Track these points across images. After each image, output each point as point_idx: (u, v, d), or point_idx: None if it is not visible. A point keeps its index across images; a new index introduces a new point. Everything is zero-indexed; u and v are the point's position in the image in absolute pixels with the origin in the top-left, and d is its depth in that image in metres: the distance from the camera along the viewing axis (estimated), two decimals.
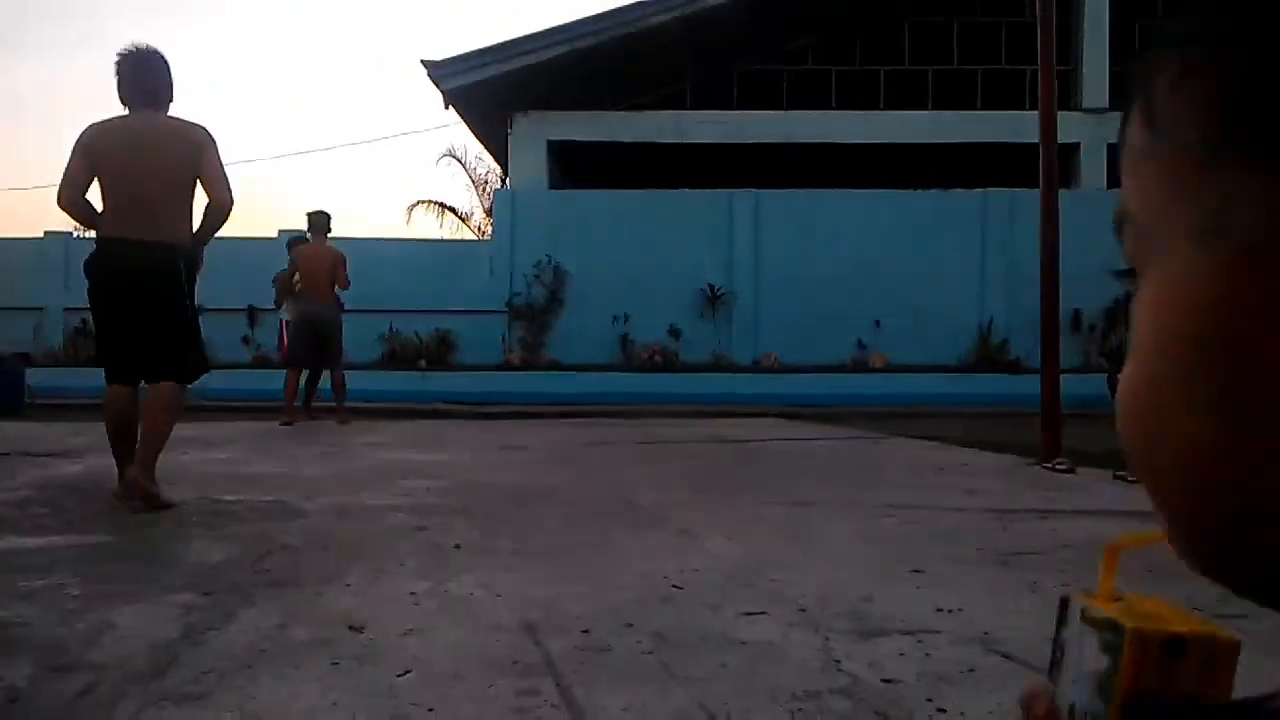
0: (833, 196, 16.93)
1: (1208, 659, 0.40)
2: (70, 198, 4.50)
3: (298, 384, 9.75)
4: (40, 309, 16.49)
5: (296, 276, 9.82)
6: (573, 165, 18.80)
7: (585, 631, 2.47)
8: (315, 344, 9.62)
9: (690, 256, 16.65)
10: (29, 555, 3.35)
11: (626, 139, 17.95)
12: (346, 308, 10.11)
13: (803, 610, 2.68)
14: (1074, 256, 7.64)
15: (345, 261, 9.76)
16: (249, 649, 2.32)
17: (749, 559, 3.40)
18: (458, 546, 3.52)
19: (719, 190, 16.88)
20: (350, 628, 2.49)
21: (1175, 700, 0.40)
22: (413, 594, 2.85)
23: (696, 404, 13.86)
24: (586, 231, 16.71)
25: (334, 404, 9.75)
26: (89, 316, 15.54)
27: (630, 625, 2.52)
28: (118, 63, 4.62)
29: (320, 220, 9.75)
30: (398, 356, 16.19)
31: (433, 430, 9.37)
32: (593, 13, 16.93)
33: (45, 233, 17.20)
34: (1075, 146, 17.01)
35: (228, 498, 4.66)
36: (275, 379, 10.82)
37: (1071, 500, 4.84)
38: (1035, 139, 6.52)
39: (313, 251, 9.74)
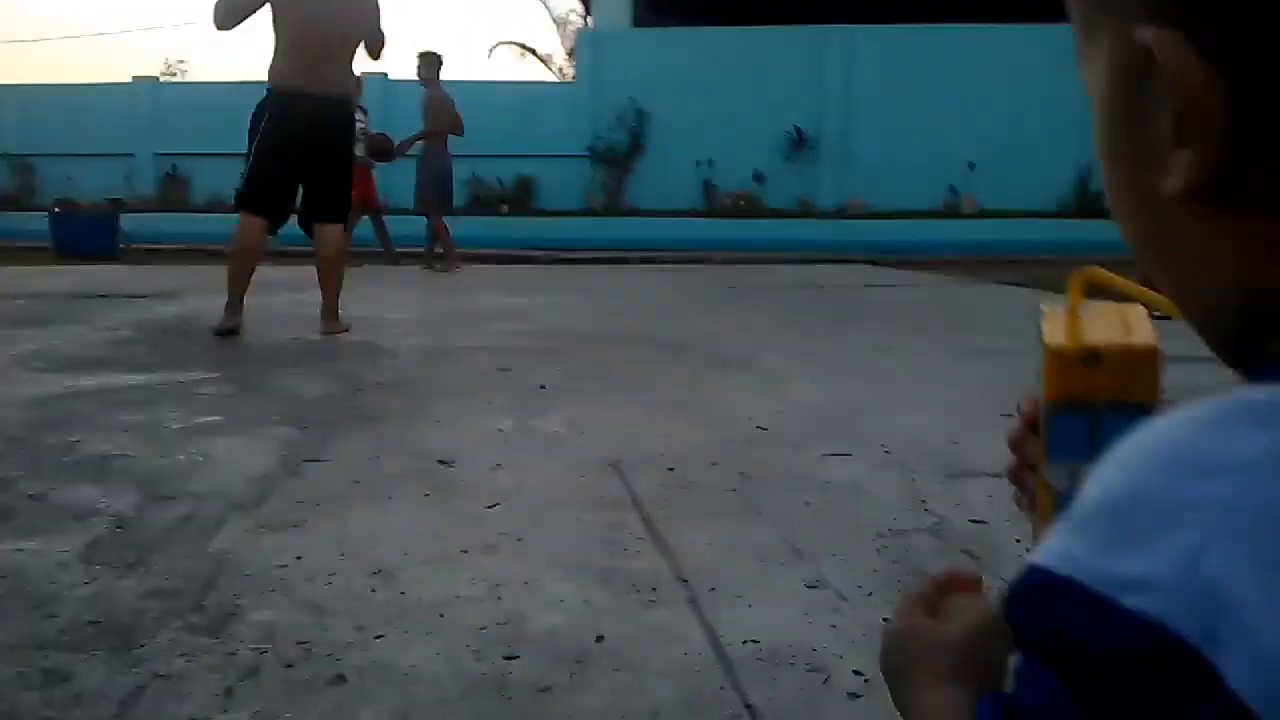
0: (926, 33, 16.16)
1: (1125, 366, 0.46)
2: (229, 22, 4.64)
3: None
4: (129, 155, 16.74)
5: None
6: (659, 2, 18.20)
7: (670, 469, 2.48)
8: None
9: (777, 97, 16.16)
10: (129, 391, 3.47)
11: None
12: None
13: (888, 452, 2.66)
14: None
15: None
16: (343, 480, 2.38)
17: (833, 402, 3.37)
18: (543, 386, 3.55)
19: (808, 26, 16.22)
20: (440, 462, 2.54)
21: (1096, 403, 0.46)
22: (500, 430, 2.89)
23: (781, 250, 13.67)
24: (669, 73, 16.28)
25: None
26: (179, 162, 15.72)
27: (715, 464, 2.53)
28: None
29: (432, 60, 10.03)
30: (480, 201, 16.19)
31: (516, 275, 9.42)
32: None
33: (133, 78, 17.30)
34: None
35: (319, 338, 4.75)
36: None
37: (1168, 346, 4.68)
38: None
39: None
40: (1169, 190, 0.34)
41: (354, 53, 4.90)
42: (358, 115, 10.05)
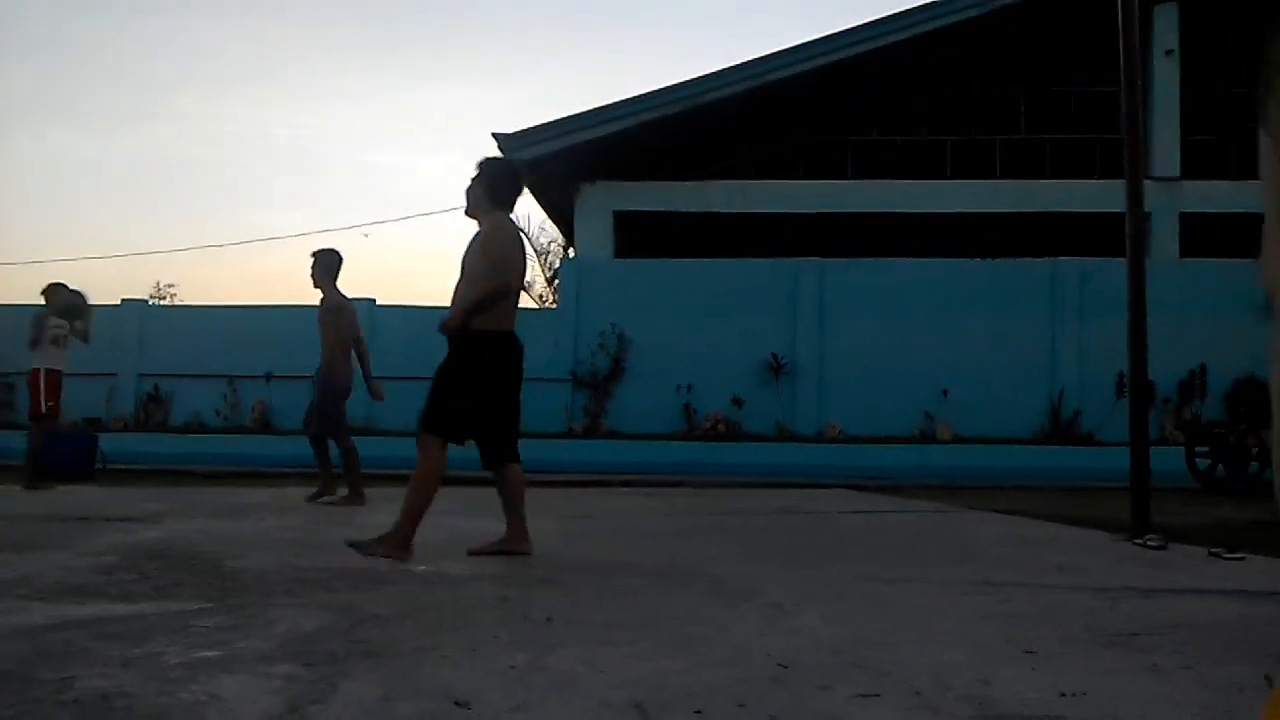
0: (898, 266, 16.85)
1: None
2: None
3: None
4: (113, 375, 16.81)
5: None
6: (637, 236, 18.95)
7: (698, 712, 2.38)
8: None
9: (753, 326, 16.62)
10: (123, 622, 3.35)
11: (691, 209, 18.10)
12: (416, 375, 10.17)
13: (918, 693, 2.58)
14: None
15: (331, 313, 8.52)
16: None
17: (849, 637, 3.29)
18: (549, 619, 3.46)
19: (783, 259, 16.89)
20: (455, 703, 2.43)
21: None
22: (513, 667, 2.79)
23: (760, 473, 13.71)
24: (650, 301, 16.77)
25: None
26: (160, 383, 15.84)
27: (743, 706, 2.43)
28: (505, 165, 5.38)
29: (328, 259, 8.53)
30: None
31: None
32: (655, 88, 17.17)
33: (122, 300, 17.60)
34: (1146, 215, 16.81)
35: (310, 564, 4.64)
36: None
37: (1172, 579, 4.66)
38: (1104, 208, 6.49)
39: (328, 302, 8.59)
40: None
41: None
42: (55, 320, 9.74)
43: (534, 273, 23.72)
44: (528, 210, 31.20)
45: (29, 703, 2.39)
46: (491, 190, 5.17)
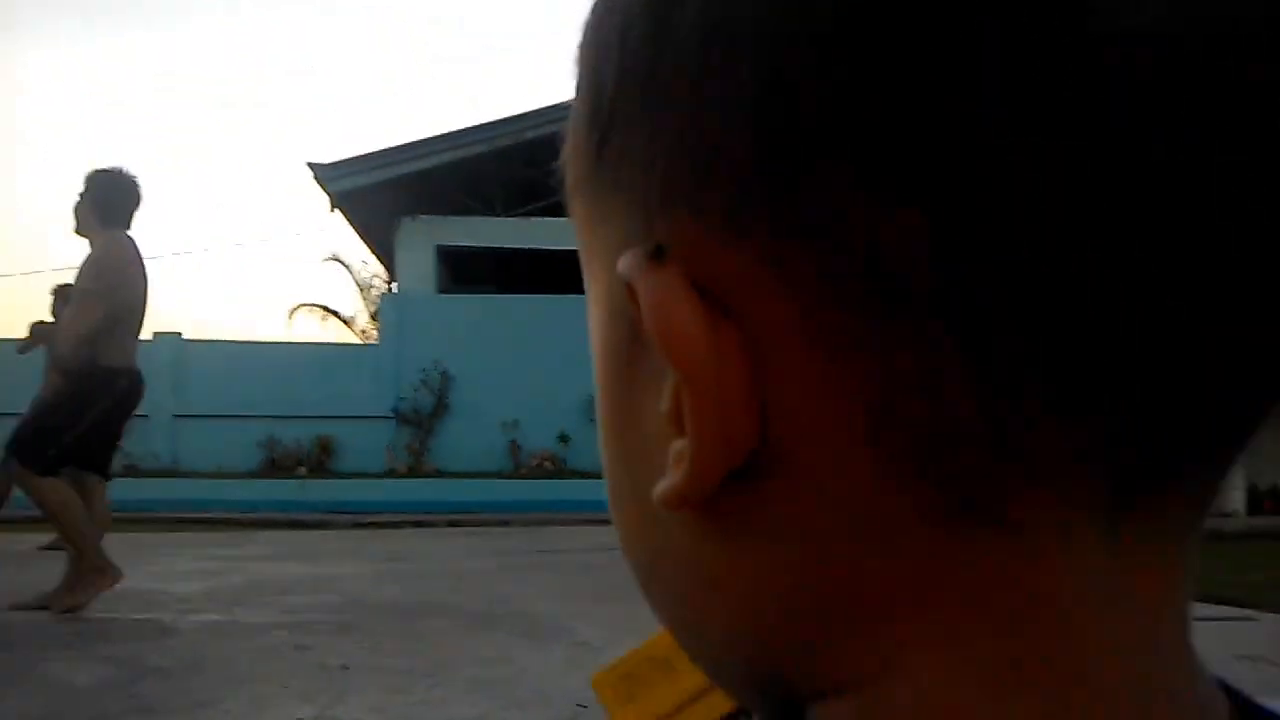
0: None
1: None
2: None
3: None
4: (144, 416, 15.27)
5: None
6: (461, 271, 18.78)
7: None
8: None
9: (579, 362, 16.49)
10: None
11: (516, 245, 18.06)
12: (225, 412, 9.69)
13: None
14: None
15: None
16: None
17: None
18: (345, 667, 3.33)
19: None
20: None
21: None
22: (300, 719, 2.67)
23: (587, 511, 13.70)
24: (474, 337, 16.60)
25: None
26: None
27: None
28: (116, 178, 4.76)
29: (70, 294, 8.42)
30: (277, 464, 15.66)
31: (314, 541, 9.02)
32: (477, 123, 17.12)
33: (155, 334, 15.90)
34: None
35: (95, 614, 4.35)
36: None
37: None
38: None
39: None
40: (658, 497, 0.24)
41: None
42: None
43: (356, 308, 23.14)
44: (348, 243, 30.55)
45: None
46: (101, 206, 4.67)
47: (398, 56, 49.89)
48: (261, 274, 49.40)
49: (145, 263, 4.76)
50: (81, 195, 4.71)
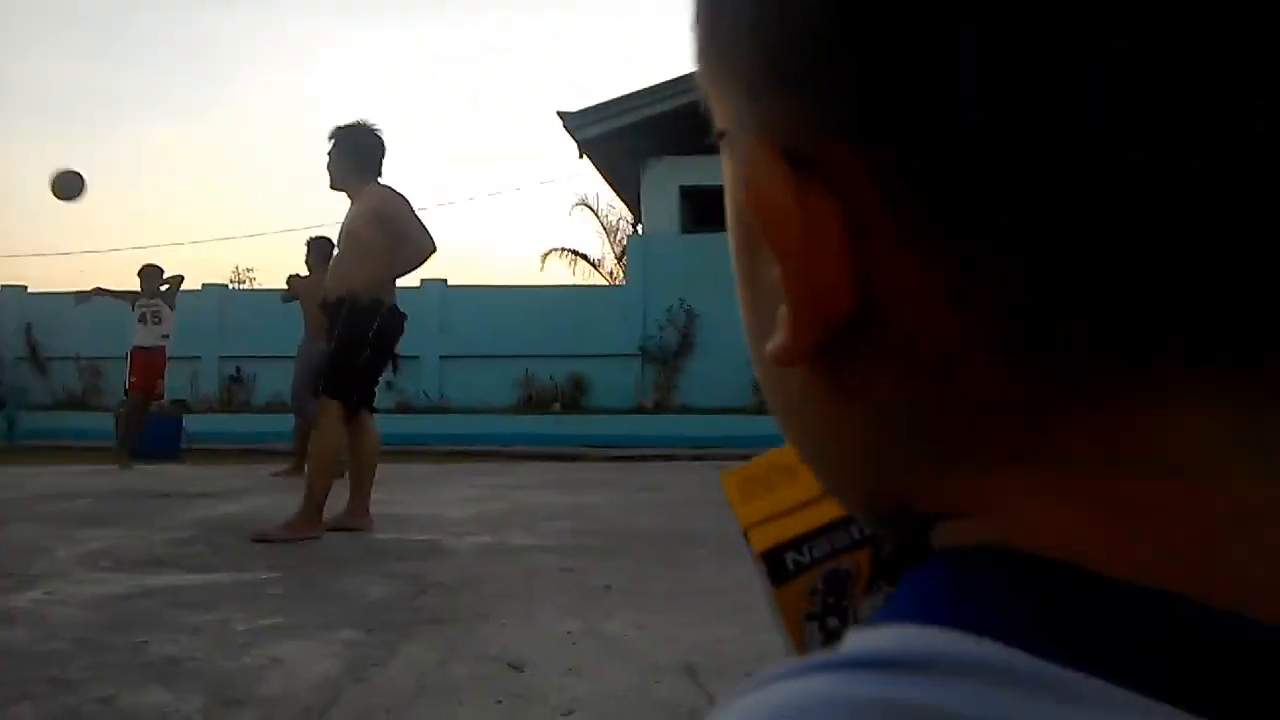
0: None
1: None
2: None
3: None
4: (196, 358, 17.26)
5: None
6: (704, 210, 18.87)
7: (748, 674, 2.40)
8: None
9: None
10: (195, 591, 3.46)
11: None
12: (486, 353, 10.16)
13: None
14: None
15: None
16: (412, 685, 2.32)
17: None
18: (608, 587, 3.49)
19: None
20: (510, 665, 2.48)
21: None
22: (569, 633, 2.83)
23: None
24: (717, 275, 16.63)
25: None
26: (242, 365, 15.98)
27: None
28: (364, 131, 4.93)
29: (321, 247, 8.34)
30: (533, 400, 16.42)
31: (570, 472, 9.43)
32: None
33: (203, 285, 18.04)
34: None
35: (380, 536, 4.74)
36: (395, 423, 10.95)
37: None
38: None
39: (313, 284, 7.94)
40: (768, 354, 0.26)
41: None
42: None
43: (604, 250, 23.75)
44: (596, 188, 31.31)
45: (103, 666, 2.49)
46: (356, 159, 4.88)
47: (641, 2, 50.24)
48: (516, 221, 51.53)
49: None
50: (333, 152, 4.90)
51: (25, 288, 17.61)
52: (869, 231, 0.24)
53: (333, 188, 4.95)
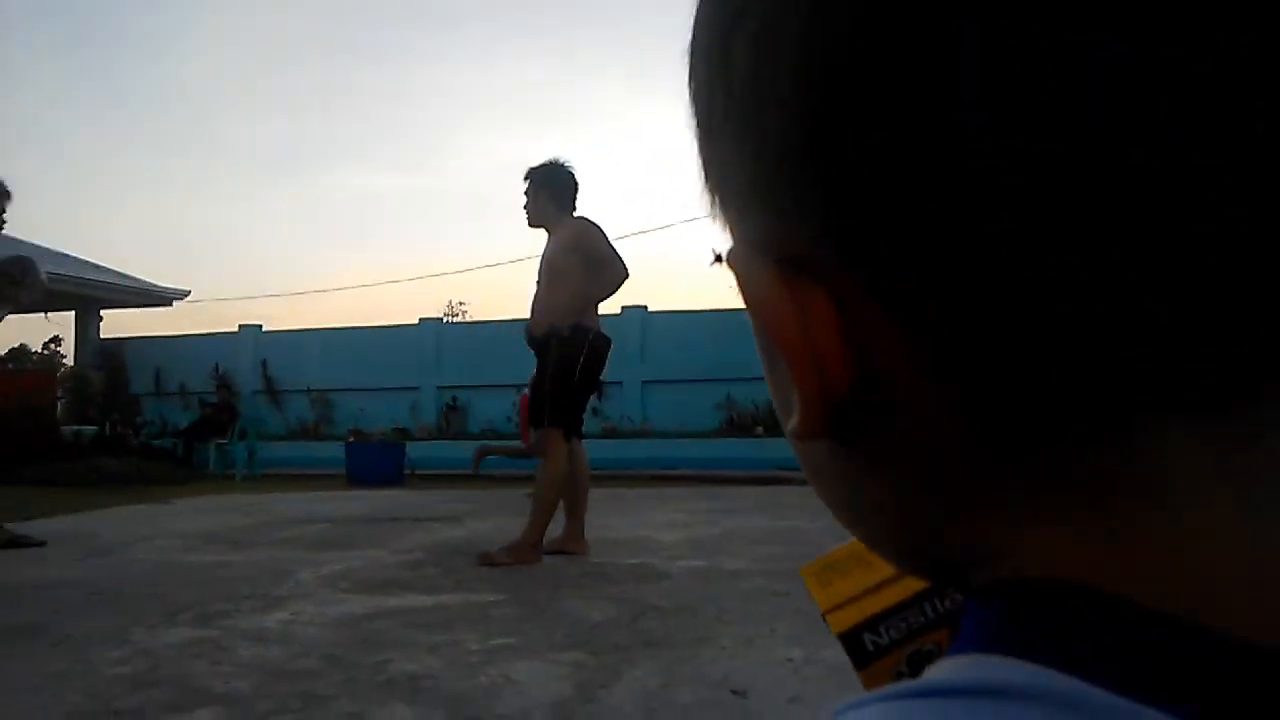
0: None
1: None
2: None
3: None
4: (415, 389, 18.17)
5: None
6: None
7: None
8: None
9: None
10: (428, 613, 3.64)
11: None
12: (687, 377, 10.26)
13: None
14: None
15: None
16: (640, 708, 2.37)
17: None
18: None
19: None
20: (733, 691, 2.50)
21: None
22: (789, 660, 2.82)
23: None
24: None
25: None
26: (458, 394, 16.54)
27: None
28: (559, 170, 5.12)
29: None
30: (736, 423, 16.44)
31: (773, 496, 9.38)
32: None
33: (419, 319, 19.01)
34: None
35: (596, 560, 4.86)
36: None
37: None
38: None
39: None
40: (789, 432, 0.28)
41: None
42: None
43: None
44: None
45: (350, 683, 2.66)
46: (555, 196, 5.05)
47: None
48: (709, 246, 51.64)
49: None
50: (529, 191, 5.10)
51: (260, 326, 18.99)
52: (855, 314, 0.26)
53: (531, 225, 5.14)
